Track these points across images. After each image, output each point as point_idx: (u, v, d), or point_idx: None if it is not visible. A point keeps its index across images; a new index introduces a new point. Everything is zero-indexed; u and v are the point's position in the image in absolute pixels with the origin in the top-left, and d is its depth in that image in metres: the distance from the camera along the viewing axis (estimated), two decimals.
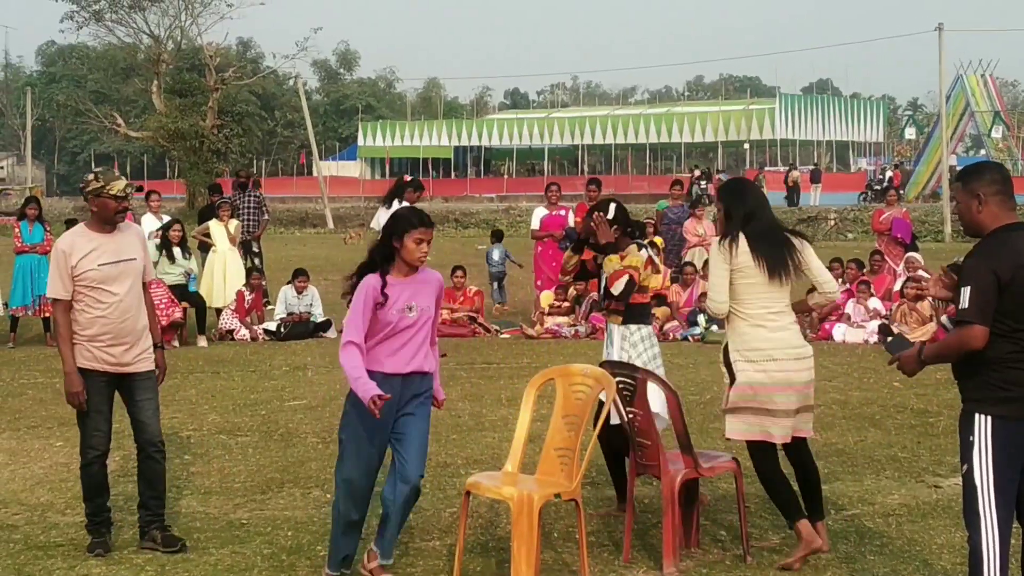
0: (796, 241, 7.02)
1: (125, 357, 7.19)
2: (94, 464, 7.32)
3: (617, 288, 7.98)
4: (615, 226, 8.09)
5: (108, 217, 7.21)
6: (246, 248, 20.53)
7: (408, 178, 16.89)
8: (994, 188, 5.43)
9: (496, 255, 22.22)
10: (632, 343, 7.99)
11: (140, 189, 21.43)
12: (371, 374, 6.27)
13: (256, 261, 20.87)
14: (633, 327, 8.03)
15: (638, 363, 7.68)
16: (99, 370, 7.14)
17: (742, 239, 6.85)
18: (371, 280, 6.40)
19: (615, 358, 7.83)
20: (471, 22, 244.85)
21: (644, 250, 8.17)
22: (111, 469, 9.17)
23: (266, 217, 22.23)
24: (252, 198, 21.60)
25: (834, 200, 52.48)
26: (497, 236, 23.42)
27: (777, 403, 6.76)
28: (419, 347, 6.50)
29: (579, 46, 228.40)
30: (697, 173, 58.59)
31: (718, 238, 7.03)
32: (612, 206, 8.16)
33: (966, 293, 5.27)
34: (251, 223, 21.15)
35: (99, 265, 7.09)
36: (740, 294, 6.84)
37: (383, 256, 6.45)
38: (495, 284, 22.00)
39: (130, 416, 7.36)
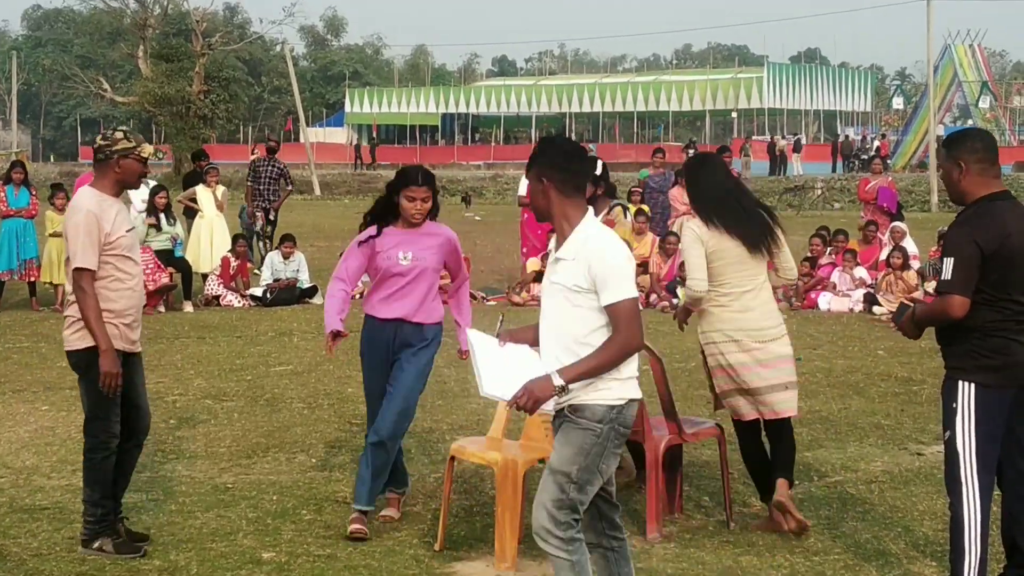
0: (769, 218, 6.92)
1: (138, 336, 6.52)
2: (113, 455, 6.44)
3: None
4: (600, 183, 8.17)
5: (131, 182, 6.49)
6: (264, 215, 20.94)
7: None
8: (976, 156, 5.43)
9: None
10: None
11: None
12: (366, 318, 6.79)
13: (269, 229, 21.06)
14: None
15: None
16: (120, 350, 6.31)
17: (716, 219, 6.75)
18: (370, 228, 6.76)
19: None
20: None
21: (628, 216, 8.23)
22: None
23: (289, 187, 22.33)
24: (275, 168, 21.62)
25: (812, 170, 52.59)
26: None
27: (751, 382, 6.72)
28: (412, 296, 6.76)
29: (567, 14, 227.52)
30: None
31: (687, 218, 6.93)
32: (599, 163, 8.26)
33: (949, 264, 5.30)
34: (271, 191, 21.26)
35: (127, 231, 6.38)
36: (716, 274, 6.74)
37: (385, 208, 6.76)
38: None
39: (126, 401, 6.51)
